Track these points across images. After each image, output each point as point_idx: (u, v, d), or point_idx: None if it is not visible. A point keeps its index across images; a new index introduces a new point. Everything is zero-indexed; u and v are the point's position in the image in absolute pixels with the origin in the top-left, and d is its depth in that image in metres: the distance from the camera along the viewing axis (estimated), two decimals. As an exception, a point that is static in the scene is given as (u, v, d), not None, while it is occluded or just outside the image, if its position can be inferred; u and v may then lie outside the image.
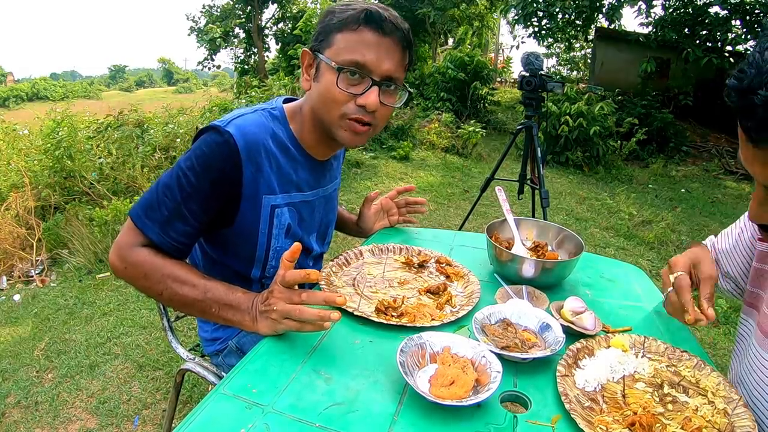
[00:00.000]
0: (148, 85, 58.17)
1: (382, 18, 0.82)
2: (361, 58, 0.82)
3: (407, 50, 0.87)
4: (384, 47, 0.83)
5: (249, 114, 0.90)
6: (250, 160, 0.86)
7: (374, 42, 0.82)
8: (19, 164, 3.80)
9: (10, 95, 36.67)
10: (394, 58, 0.85)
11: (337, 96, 0.84)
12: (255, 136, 0.86)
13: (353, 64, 0.82)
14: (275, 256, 0.98)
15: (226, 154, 0.84)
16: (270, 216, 0.93)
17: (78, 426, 1.71)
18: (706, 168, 7.11)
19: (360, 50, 0.82)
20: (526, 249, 1.13)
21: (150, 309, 2.46)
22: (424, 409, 0.64)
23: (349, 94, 0.84)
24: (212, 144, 0.84)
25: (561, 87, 2.66)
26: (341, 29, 0.83)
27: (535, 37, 9.57)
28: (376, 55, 0.83)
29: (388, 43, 0.83)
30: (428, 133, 6.79)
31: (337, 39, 0.83)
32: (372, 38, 0.82)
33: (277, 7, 17.65)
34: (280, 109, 0.94)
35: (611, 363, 0.77)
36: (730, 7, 7.72)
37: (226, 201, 0.88)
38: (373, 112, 0.86)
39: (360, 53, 0.82)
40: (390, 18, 0.83)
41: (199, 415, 0.61)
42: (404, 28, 0.85)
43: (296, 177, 0.95)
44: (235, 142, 0.83)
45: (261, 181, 0.89)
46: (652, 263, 3.43)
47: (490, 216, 4.07)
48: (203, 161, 0.83)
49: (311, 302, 0.73)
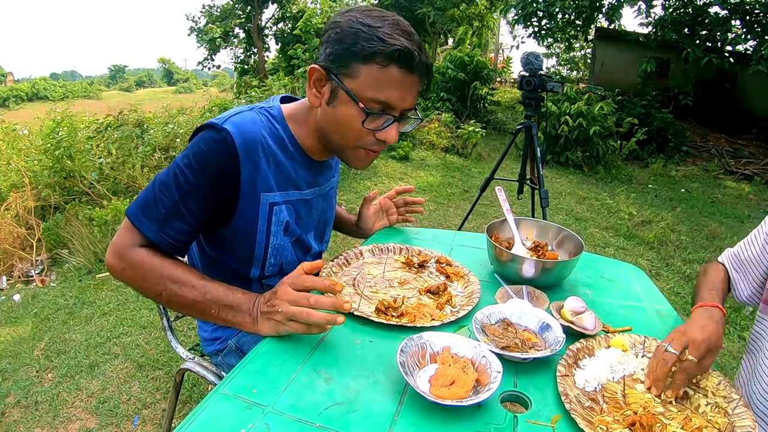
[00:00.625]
0: (148, 85, 58.15)
1: (413, 56, 0.79)
2: (387, 98, 0.80)
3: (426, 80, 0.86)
4: (409, 84, 0.82)
5: (246, 112, 0.89)
6: (248, 158, 0.86)
7: (401, 80, 0.80)
8: (19, 164, 3.80)
9: (10, 95, 36.64)
10: (416, 92, 0.84)
11: (359, 132, 0.84)
12: (252, 134, 0.86)
13: (379, 104, 0.81)
14: (274, 254, 0.98)
15: (224, 151, 0.83)
16: (268, 214, 0.93)
17: (78, 426, 1.71)
18: (706, 168, 7.11)
19: (386, 90, 0.80)
20: (526, 249, 1.13)
21: (150, 309, 2.46)
22: (425, 409, 0.64)
23: (370, 130, 0.84)
24: (210, 141, 0.83)
25: (561, 87, 2.66)
26: (366, 61, 0.78)
27: (535, 37, 9.56)
28: (401, 94, 0.81)
29: (413, 80, 0.82)
30: (428, 133, 6.79)
31: (361, 71, 0.79)
32: (399, 76, 0.79)
33: (277, 7, 17.65)
34: (277, 109, 0.94)
35: (611, 363, 0.77)
36: (730, 7, 7.72)
37: (224, 199, 0.87)
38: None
39: (386, 93, 0.80)
40: (418, 55, 0.79)
41: (200, 415, 0.61)
42: (429, 63, 0.83)
43: (294, 175, 0.95)
44: (232, 139, 0.83)
45: (259, 179, 0.89)
46: (652, 263, 3.43)
47: (490, 216, 4.07)
48: (201, 159, 0.83)
49: (319, 307, 0.74)
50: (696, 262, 3.49)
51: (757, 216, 5.11)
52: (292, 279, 0.75)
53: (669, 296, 2.84)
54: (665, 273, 3.28)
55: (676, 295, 2.93)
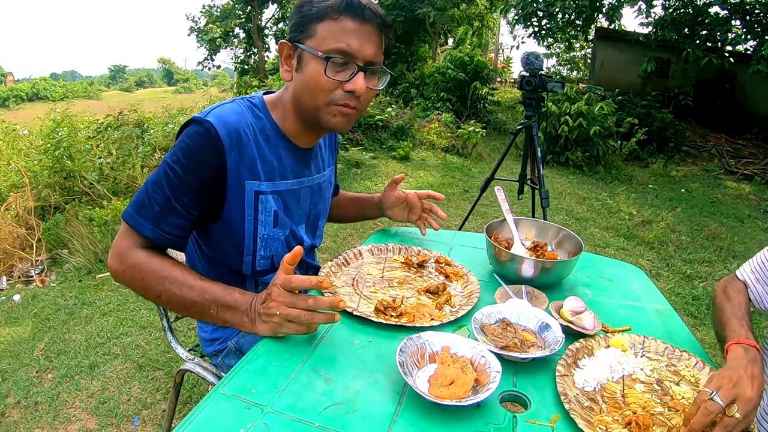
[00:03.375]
0: (148, 85, 58.13)
1: (362, 6, 0.84)
2: (346, 46, 0.84)
3: (384, 34, 0.90)
4: (365, 33, 0.85)
5: (228, 104, 0.92)
6: (232, 148, 0.88)
7: (356, 29, 0.84)
8: (19, 164, 3.80)
9: (10, 95, 36.62)
10: (375, 42, 0.87)
11: (325, 84, 0.86)
12: (235, 124, 0.88)
13: (339, 52, 0.84)
14: (264, 246, 0.99)
15: (209, 142, 0.85)
16: (254, 202, 0.94)
17: (78, 426, 1.71)
18: (706, 168, 7.11)
19: (343, 38, 0.84)
20: (525, 249, 1.13)
21: (150, 309, 2.46)
22: (424, 409, 0.64)
23: (336, 81, 0.86)
24: (194, 135, 0.85)
25: (561, 87, 2.66)
26: (321, 19, 0.84)
27: (535, 37, 9.55)
28: (358, 42, 0.85)
29: (368, 30, 0.86)
30: (428, 133, 6.79)
31: (318, 29, 0.84)
32: (353, 26, 0.84)
33: (277, 7, 17.64)
34: (259, 98, 0.97)
35: (611, 363, 0.77)
36: (730, 7, 7.72)
37: (213, 190, 0.89)
38: (358, 97, 0.88)
39: (344, 41, 0.84)
40: (368, 5, 0.85)
41: (199, 415, 0.61)
42: (381, 14, 0.88)
43: (279, 164, 0.96)
44: (216, 130, 0.85)
45: (243, 168, 0.90)
46: (652, 263, 3.43)
47: (490, 216, 4.07)
48: (187, 153, 0.85)
49: (318, 307, 0.74)
50: (696, 262, 3.48)
51: (757, 216, 5.10)
52: (281, 280, 0.75)
53: (669, 296, 2.84)
54: (665, 273, 3.27)
55: (676, 295, 2.93)
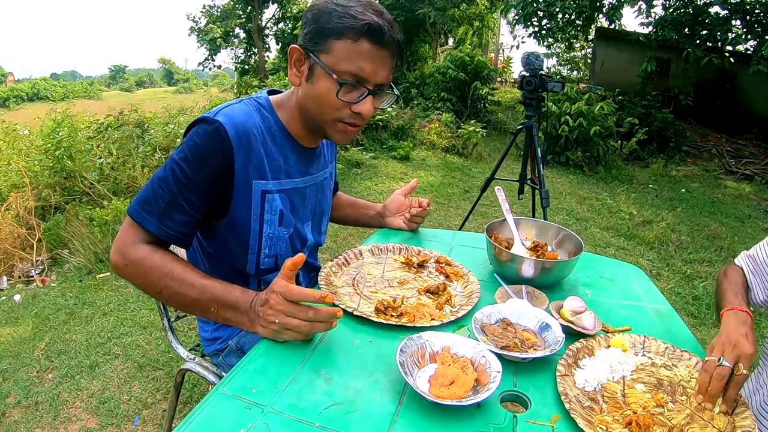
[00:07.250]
0: (149, 85, 58.12)
1: (382, 31, 0.83)
2: (360, 70, 0.84)
3: (398, 56, 0.90)
4: (380, 59, 0.85)
5: (236, 104, 0.93)
6: (240, 147, 0.88)
7: (372, 54, 0.84)
8: (19, 164, 3.80)
9: (10, 95, 36.62)
10: (388, 66, 0.88)
11: (335, 104, 0.87)
12: (244, 123, 0.89)
13: (352, 76, 0.84)
14: (268, 244, 0.99)
15: (218, 142, 0.86)
16: (261, 201, 0.95)
17: (78, 426, 1.71)
18: (706, 168, 7.11)
19: (358, 61, 0.84)
20: (525, 249, 1.13)
21: (150, 309, 2.46)
22: (424, 409, 0.65)
23: (346, 102, 0.87)
24: (203, 134, 0.86)
25: (561, 87, 2.66)
26: (339, 37, 0.83)
27: (535, 37, 9.56)
28: (373, 68, 0.85)
29: (383, 54, 0.86)
30: (428, 133, 6.79)
31: (334, 46, 0.83)
32: (370, 50, 0.84)
33: (277, 7, 17.65)
34: (265, 98, 0.98)
35: (611, 363, 0.77)
36: (730, 7, 7.72)
37: (220, 188, 0.89)
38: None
39: (358, 65, 0.84)
40: (388, 30, 0.84)
41: (199, 415, 0.61)
42: (399, 38, 0.88)
43: (286, 163, 0.97)
44: (225, 130, 0.86)
45: (251, 167, 0.91)
46: (652, 263, 3.43)
47: (490, 216, 4.06)
48: (196, 151, 0.85)
49: (317, 319, 0.75)
50: (696, 262, 3.48)
51: (758, 216, 5.10)
52: (281, 288, 0.74)
53: (669, 296, 2.84)
54: (666, 273, 3.27)
55: (676, 295, 2.93)
